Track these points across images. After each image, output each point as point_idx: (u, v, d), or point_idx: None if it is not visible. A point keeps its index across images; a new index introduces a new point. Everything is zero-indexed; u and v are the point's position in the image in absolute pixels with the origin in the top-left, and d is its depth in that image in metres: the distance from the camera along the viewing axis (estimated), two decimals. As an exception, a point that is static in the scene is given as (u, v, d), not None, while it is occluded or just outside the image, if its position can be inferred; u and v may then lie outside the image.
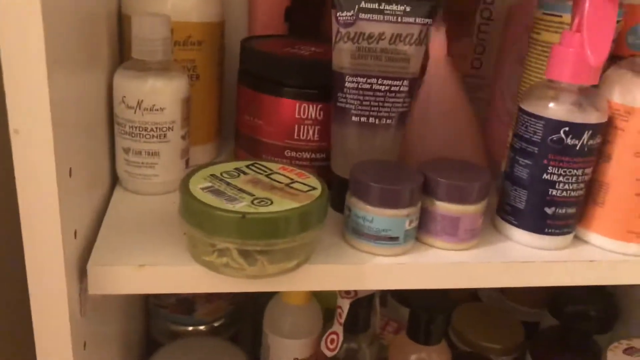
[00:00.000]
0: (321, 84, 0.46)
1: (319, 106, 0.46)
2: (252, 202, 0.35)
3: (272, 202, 0.35)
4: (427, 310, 0.52)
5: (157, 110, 0.43)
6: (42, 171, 0.31)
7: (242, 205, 0.35)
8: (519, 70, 0.51)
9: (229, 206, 0.35)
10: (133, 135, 0.43)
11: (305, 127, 0.47)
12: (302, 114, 0.46)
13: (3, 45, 0.28)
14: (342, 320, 0.52)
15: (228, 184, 0.38)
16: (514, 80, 0.52)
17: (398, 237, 0.39)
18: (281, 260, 0.36)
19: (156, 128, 0.43)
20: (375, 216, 0.38)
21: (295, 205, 0.35)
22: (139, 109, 0.43)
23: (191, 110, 0.46)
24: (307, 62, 0.46)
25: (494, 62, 0.56)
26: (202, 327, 0.64)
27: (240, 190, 0.37)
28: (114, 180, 0.47)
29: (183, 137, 0.45)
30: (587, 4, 0.36)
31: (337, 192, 0.45)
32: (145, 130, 0.43)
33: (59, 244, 0.33)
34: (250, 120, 0.48)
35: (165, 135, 0.44)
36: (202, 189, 0.37)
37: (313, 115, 0.46)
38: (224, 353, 0.60)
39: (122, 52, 0.48)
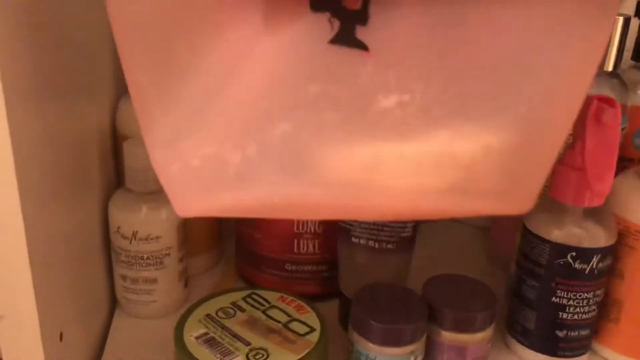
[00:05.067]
0: (319, 198, 0.45)
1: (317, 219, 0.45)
2: (247, 355, 0.34)
3: (268, 355, 0.34)
4: None
5: (153, 239, 0.42)
6: (29, 354, 0.30)
7: (237, 362, 0.34)
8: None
9: (224, 363, 0.33)
10: (129, 264, 0.43)
11: (305, 240, 0.46)
12: (300, 228, 0.45)
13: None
14: None
15: (223, 327, 0.36)
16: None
17: (402, 373, 0.37)
18: (280, 412, 0.35)
19: (152, 256, 0.43)
20: (379, 355, 0.37)
21: (292, 358, 0.34)
22: (135, 239, 0.42)
23: (188, 227, 0.45)
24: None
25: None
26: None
27: (236, 336, 0.36)
28: (114, 301, 0.46)
29: (180, 260, 0.44)
30: (586, 133, 0.35)
31: (344, 311, 0.43)
32: (142, 259, 0.42)
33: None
34: (249, 232, 0.47)
35: (162, 262, 0.43)
36: (197, 337, 0.36)
37: (312, 230, 0.45)
38: None
39: (117, 169, 0.48)
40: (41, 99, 0.31)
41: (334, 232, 0.45)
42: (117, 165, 0.48)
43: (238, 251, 0.50)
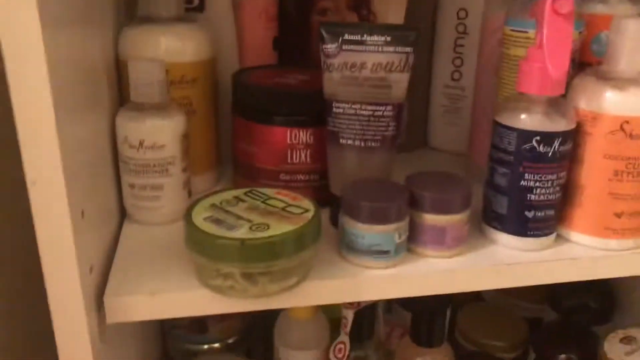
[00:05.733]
0: (309, 110, 0.49)
1: (309, 131, 0.49)
2: (250, 228, 0.38)
3: (269, 227, 0.38)
4: (427, 313, 0.55)
5: (158, 147, 0.46)
6: (58, 218, 0.34)
7: (241, 232, 0.38)
8: (496, 82, 0.54)
9: (229, 234, 0.38)
10: (137, 172, 0.47)
11: (298, 151, 0.50)
12: (293, 139, 0.49)
13: (16, 102, 0.32)
14: (348, 330, 0.55)
15: (227, 212, 0.41)
16: (492, 91, 0.54)
17: (389, 250, 0.42)
18: (281, 280, 0.39)
19: (158, 164, 0.46)
20: (366, 233, 0.41)
21: (290, 227, 0.38)
22: (141, 147, 0.46)
23: (190, 144, 0.49)
24: (294, 91, 0.49)
25: (474, 74, 0.59)
26: (216, 345, 0.67)
27: (239, 217, 0.40)
28: (123, 213, 0.50)
29: (184, 170, 0.48)
30: (545, 24, 0.39)
31: (335, 209, 0.48)
32: (148, 166, 0.46)
33: (77, 280, 0.36)
34: (246, 148, 0.51)
35: (167, 170, 0.47)
36: (204, 218, 0.40)
37: (304, 140, 0.49)
38: (238, 369, 0.63)
39: (121, 95, 0.52)
40: (66, 26, 0.35)
41: (324, 143, 0.49)
42: (120, 89, 0.52)
43: (235, 168, 0.54)
